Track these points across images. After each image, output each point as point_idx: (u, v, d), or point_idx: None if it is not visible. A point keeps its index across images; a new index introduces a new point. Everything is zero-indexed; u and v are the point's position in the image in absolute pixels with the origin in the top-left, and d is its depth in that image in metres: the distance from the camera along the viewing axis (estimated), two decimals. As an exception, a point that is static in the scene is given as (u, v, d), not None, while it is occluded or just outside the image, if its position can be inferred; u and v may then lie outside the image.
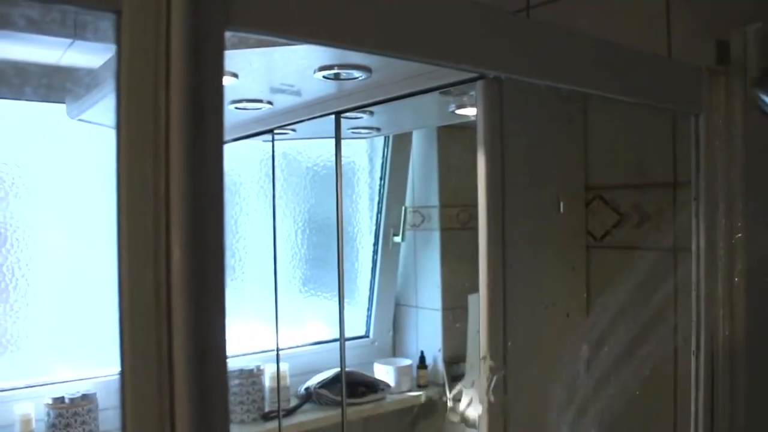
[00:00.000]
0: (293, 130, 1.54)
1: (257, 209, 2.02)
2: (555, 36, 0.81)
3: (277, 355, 1.75)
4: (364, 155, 2.23)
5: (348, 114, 1.34)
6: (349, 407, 1.84)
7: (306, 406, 1.89)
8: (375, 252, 2.22)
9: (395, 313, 2.26)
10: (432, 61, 0.75)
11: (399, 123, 1.79)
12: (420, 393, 2.05)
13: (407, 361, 2.10)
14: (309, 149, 2.10)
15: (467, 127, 0.98)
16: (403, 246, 2.22)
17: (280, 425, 1.81)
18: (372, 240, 2.23)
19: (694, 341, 0.92)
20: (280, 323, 1.76)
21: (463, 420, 1.86)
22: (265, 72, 1.11)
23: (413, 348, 2.17)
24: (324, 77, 1.08)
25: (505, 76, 0.79)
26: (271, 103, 1.32)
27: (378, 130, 1.75)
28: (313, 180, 2.12)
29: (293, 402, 1.91)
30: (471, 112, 1.02)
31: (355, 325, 2.21)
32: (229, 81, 1.10)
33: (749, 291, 0.89)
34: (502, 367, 0.93)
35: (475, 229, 0.94)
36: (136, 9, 0.41)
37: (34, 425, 1.56)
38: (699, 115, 0.91)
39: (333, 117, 1.34)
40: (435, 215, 2.11)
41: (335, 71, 1.06)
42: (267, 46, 0.91)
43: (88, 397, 1.62)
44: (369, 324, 2.23)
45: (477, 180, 0.95)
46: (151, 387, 0.41)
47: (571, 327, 1.16)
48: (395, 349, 2.26)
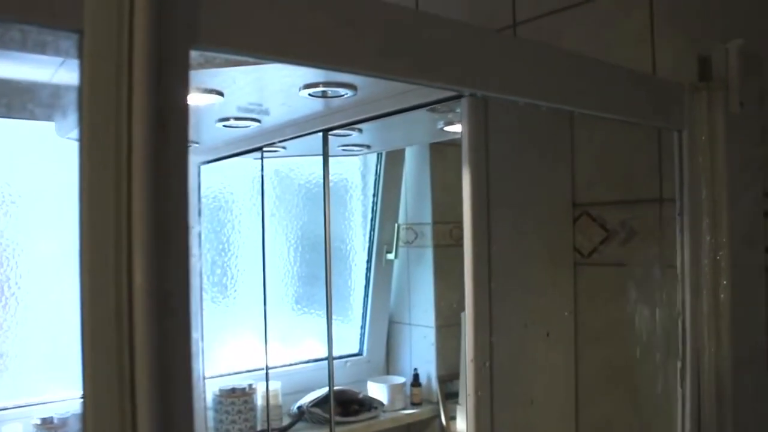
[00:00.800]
0: (283, 147, 1.54)
1: (249, 227, 2.02)
2: (538, 53, 0.81)
3: (267, 374, 1.74)
4: (356, 172, 2.22)
5: (337, 131, 1.34)
6: (342, 426, 1.83)
7: (299, 424, 1.87)
8: (368, 269, 2.22)
9: (389, 331, 2.25)
10: (411, 81, 0.75)
11: (389, 140, 1.80)
12: (414, 411, 2.03)
13: (401, 379, 2.08)
14: (301, 166, 2.10)
15: (458, 144, 0.99)
16: (397, 263, 2.21)
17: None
18: (365, 257, 2.22)
19: (680, 357, 0.92)
20: (273, 341, 1.75)
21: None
22: (250, 90, 1.11)
23: (407, 366, 2.16)
24: (310, 95, 1.08)
25: (486, 94, 0.79)
26: (259, 121, 1.32)
27: (368, 147, 1.75)
28: (306, 197, 2.12)
29: (286, 420, 1.90)
30: (459, 128, 1.03)
31: (349, 343, 2.19)
32: (215, 99, 1.11)
33: (734, 307, 0.89)
34: (488, 387, 0.92)
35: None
36: (97, 28, 0.41)
37: (22, 446, 1.54)
38: (682, 131, 0.91)
39: (321, 135, 1.34)
40: (428, 232, 2.11)
41: (321, 89, 1.06)
42: (251, 64, 0.91)
43: (77, 418, 1.60)
44: (362, 342, 2.22)
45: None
46: (113, 413, 0.40)
47: (558, 344, 1.16)
48: (389, 367, 2.25)
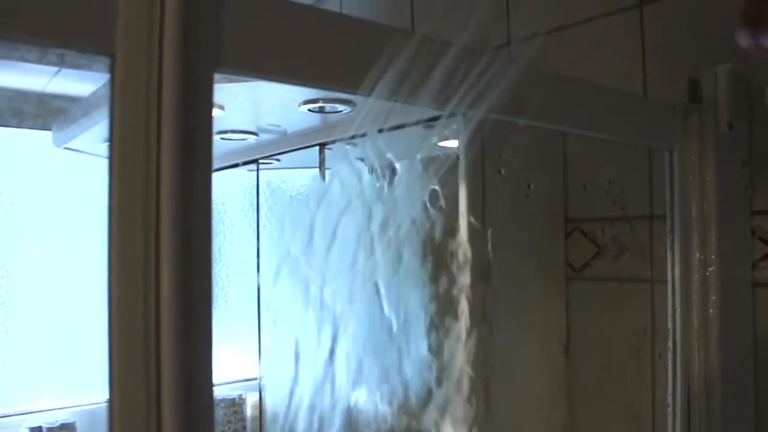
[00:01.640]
0: (278, 159, 1.56)
1: (241, 237, 2.03)
2: (530, 74, 0.83)
3: (260, 384, 1.74)
4: (348, 185, 2.24)
5: (332, 146, 1.36)
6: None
7: (288, 436, 1.88)
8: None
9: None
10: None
11: (382, 154, 1.81)
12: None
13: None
14: (293, 178, 2.11)
15: (451, 160, 1.01)
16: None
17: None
18: (356, 269, 2.24)
19: (670, 371, 0.94)
20: (263, 352, 1.76)
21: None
22: (251, 105, 1.13)
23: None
24: (309, 110, 1.10)
25: (484, 117, 0.82)
26: (257, 134, 1.34)
27: (361, 161, 1.77)
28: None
29: None
30: (454, 144, 1.05)
31: (338, 354, 2.20)
32: (216, 113, 1.13)
33: (723, 321, 0.92)
34: (482, 401, 0.94)
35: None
36: (129, 52, 0.43)
37: (11, 455, 1.54)
38: (673, 151, 0.94)
39: (317, 148, 1.36)
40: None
41: (320, 105, 1.08)
42: (253, 79, 0.93)
43: (67, 427, 1.60)
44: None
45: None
46: (139, 419, 0.42)
47: (551, 357, 1.18)
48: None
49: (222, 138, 1.35)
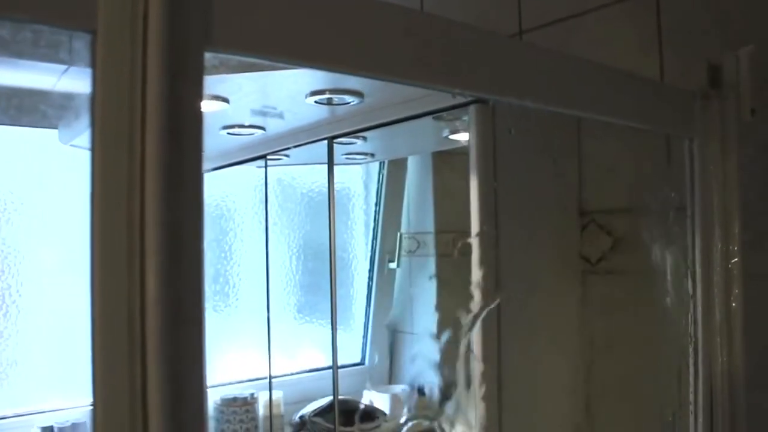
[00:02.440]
0: (287, 155, 1.53)
1: (252, 235, 2.01)
2: (547, 59, 0.80)
3: (270, 383, 1.72)
4: (359, 181, 2.22)
5: (341, 139, 1.33)
6: (344, 436, 1.81)
7: (300, 434, 1.86)
8: (370, 278, 2.20)
9: (392, 340, 2.23)
10: (422, 85, 0.74)
11: (393, 148, 1.79)
12: (416, 421, 2.02)
13: (403, 389, 2.06)
14: (304, 175, 2.09)
15: (462, 153, 0.98)
16: (399, 272, 2.20)
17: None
18: (367, 266, 2.21)
19: (692, 366, 0.91)
20: (274, 350, 1.74)
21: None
22: (256, 97, 1.10)
23: (409, 375, 2.14)
24: (316, 102, 1.07)
25: (497, 99, 0.79)
26: (264, 129, 1.32)
27: (372, 155, 1.74)
28: (308, 206, 2.11)
29: (287, 430, 1.88)
30: (464, 137, 1.02)
31: (351, 352, 2.18)
32: (220, 106, 1.10)
33: (746, 315, 0.88)
34: (495, 396, 0.91)
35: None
36: (111, 28, 0.40)
37: (22, 455, 1.53)
38: (693, 139, 0.90)
39: (326, 142, 1.34)
40: (430, 241, 2.10)
41: (327, 96, 1.05)
42: (258, 70, 0.90)
43: (78, 427, 1.59)
44: (365, 351, 2.20)
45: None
46: (124, 422, 0.39)
47: (567, 352, 1.15)
48: (391, 377, 2.23)
49: (228, 133, 1.32)
